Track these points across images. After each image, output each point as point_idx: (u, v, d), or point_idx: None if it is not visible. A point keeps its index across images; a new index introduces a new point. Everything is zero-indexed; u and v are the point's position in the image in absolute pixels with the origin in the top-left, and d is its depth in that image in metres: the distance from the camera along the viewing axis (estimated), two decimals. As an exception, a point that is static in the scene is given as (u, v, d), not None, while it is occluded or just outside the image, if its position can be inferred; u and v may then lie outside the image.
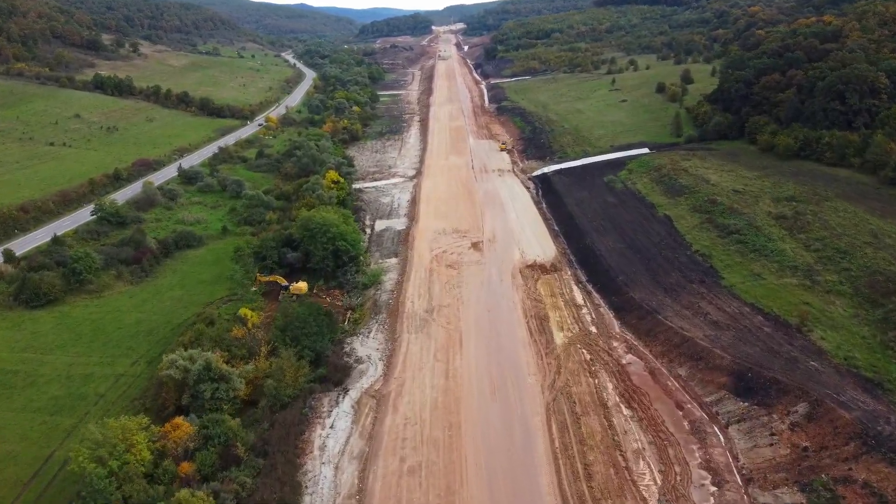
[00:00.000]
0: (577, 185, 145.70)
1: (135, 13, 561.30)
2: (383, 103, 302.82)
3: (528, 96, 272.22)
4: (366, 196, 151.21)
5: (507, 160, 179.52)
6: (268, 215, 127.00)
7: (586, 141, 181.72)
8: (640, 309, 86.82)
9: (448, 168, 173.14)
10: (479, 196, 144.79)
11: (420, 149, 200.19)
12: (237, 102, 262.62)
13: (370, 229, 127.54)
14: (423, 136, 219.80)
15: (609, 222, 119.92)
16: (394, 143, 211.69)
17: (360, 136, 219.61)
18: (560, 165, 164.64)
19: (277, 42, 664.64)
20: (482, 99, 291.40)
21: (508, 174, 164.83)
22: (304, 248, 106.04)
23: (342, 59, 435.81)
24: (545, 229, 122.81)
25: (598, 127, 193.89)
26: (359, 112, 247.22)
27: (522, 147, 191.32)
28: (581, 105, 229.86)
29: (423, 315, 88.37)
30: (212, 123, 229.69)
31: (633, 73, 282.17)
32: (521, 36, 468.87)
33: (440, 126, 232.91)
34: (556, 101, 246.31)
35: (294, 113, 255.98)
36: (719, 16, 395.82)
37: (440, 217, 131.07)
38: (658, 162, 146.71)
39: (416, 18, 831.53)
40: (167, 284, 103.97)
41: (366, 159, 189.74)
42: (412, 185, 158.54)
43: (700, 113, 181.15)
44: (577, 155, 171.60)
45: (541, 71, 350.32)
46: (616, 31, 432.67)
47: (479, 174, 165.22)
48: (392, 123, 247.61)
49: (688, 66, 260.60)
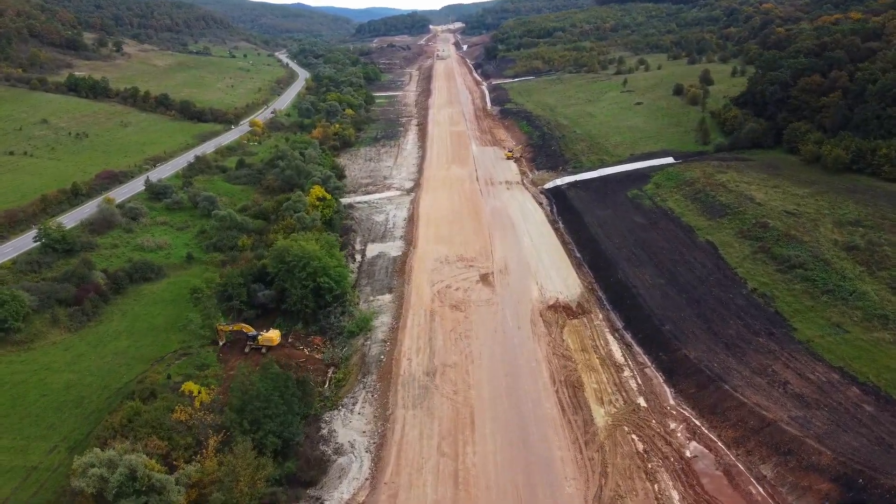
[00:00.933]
0: (598, 200, 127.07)
1: (124, 11, 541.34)
2: (379, 105, 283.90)
3: (533, 98, 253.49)
4: (357, 213, 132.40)
5: (514, 170, 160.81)
6: (241, 240, 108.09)
7: (602, 149, 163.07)
8: (699, 373, 68.16)
9: (449, 180, 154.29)
10: (485, 214, 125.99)
11: (418, 157, 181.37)
12: (222, 105, 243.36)
13: (360, 255, 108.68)
14: (421, 142, 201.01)
15: (641, 249, 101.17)
16: (389, 150, 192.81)
17: (352, 141, 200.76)
18: (575, 177, 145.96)
19: (272, 41, 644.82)
20: (484, 101, 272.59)
21: (517, 187, 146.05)
22: (280, 285, 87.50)
23: (337, 58, 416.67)
24: (565, 257, 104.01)
25: (613, 133, 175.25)
26: (352, 116, 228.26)
27: (531, 155, 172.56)
28: (592, 108, 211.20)
29: (423, 379, 69.64)
30: (192, 128, 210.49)
31: (645, 73, 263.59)
32: (522, 35, 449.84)
33: (440, 131, 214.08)
34: (565, 104, 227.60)
35: (282, 116, 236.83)
36: (729, 13, 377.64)
37: (442, 240, 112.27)
38: (689, 175, 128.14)
39: (413, 18, 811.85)
40: (112, 331, 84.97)
41: (358, 169, 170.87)
42: (409, 200, 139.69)
43: (728, 118, 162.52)
44: (593, 165, 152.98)
45: (545, 71, 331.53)
46: (621, 30, 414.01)
47: (484, 187, 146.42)
48: (388, 128, 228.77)
49: (705, 66, 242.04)
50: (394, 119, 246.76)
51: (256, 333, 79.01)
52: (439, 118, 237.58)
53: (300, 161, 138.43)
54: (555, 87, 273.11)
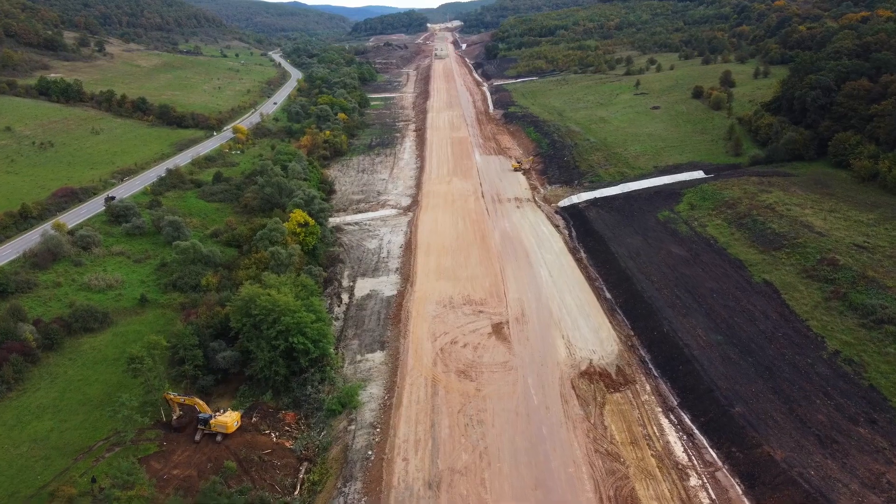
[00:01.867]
0: (624, 223, 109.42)
1: (113, 10, 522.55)
2: (374, 108, 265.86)
3: (538, 101, 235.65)
4: (346, 237, 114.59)
5: (524, 184, 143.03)
6: (206, 277, 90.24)
7: (621, 160, 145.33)
8: (793, 485, 50.46)
9: (451, 196, 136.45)
10: (494, 240, 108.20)
11: (416, 167, 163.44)
12: (205, 109, 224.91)
13: (348, 295, 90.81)
14: (419, 150, 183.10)
15: (686, 290, 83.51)
16: (385, 159, 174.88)
17: (344, 150, 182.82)
18: (593, 193, 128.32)
19: (265, 40, 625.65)
20: (486, 103, 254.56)
21: (528, 205, 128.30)
22: (245, 344, 69.83)
23: (331, 58, 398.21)
24: (593, 298, 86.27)
25: (632, 141, 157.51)
26: (345, 120, 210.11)
27: (541, 166, 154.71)
28: (604, 112, 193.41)
29: (424, 494, 51.89)
30: (170, 135, 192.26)
31: (657, 73, 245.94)
32: (523, 33, 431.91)
33: (440, 137, 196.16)
34: (574, 108, 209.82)
35: (270, 121, 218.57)
36: (740, 11, 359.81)
37: (445, 275, 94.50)
38: (728, 194, 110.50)
39: (410, 16, 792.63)
40: (35, 406, 67.13)
41: (350, 182, 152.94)
42: (406, 221, 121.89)
43: (761, 126, 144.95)
44: (612, 178, 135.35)
45: (548, 71, 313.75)
46: (626, 28, 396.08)
47: (491, 205, 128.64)
48: (383, 133, 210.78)
49: (721, 67, 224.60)
50: (390, 124, 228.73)
51: (209, 416, 61.25)
52: (438, 123, 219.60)
53: (281, 177, 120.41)
54: (560, 88, 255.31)
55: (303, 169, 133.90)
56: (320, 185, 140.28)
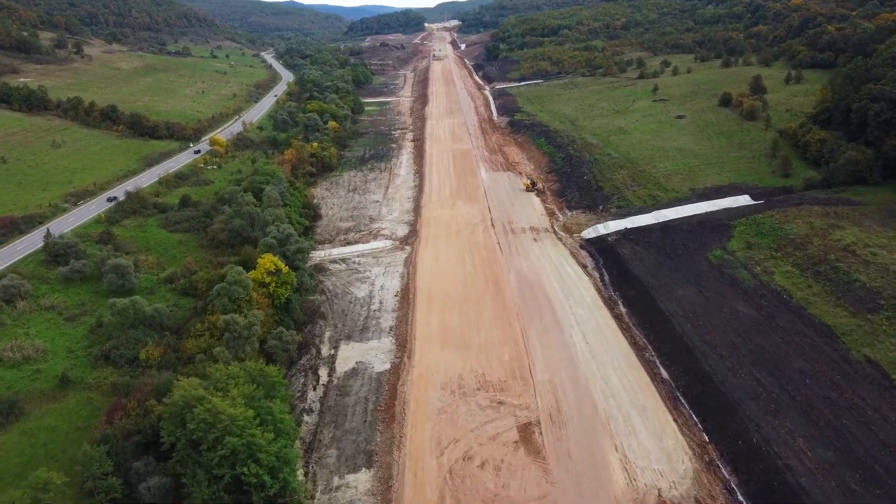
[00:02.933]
0: (668, 265, 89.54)
1: (100, 10, 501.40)
2: (369, 114, 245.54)
3: (546, 107, 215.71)
4: (331, 281, 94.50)
5: (539, 209, 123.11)
6: (146, 348, 70.14)
7: (651, 180, 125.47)
8: None
9: (456, 224, 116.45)
10: (511, 287, 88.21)
11: (414, 186, 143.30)
12: (183, 117, 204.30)
13: (328, 369, 70.72)
14: (417, 164, 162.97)
15: (767, 372, 63.61)
16: (379, 175, 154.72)
17: (334, 164, 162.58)
18: (623, 222, 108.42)
19: (258, 40, 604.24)
20: (489, 109, 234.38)
21: (547, 236, 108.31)
22: (178, 469, 49.90)
23: (324, 59, 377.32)
24: (646, 378, 66.24)
25: (660, 157, 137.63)
26: (335, 130, 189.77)
27: (558, 186, 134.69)
28: (623, 122, 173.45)
29: None
30: (140, 148, 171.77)
31: (674, 77, 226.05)
32: (524, 33, 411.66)
33: (440, 149, 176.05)
34: (587, 115, 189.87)
35: (253, 131, 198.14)
36: (753, 10, 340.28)
37: (451, 341, 74.54)
38: (791, 229, 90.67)
39: (407, 15, 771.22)
40: None
41: (338, 205, 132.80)
42: (403, 258, 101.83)
43: (810, 142, 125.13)
44: (643, 203, 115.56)
45: (554, 74, 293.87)
46: (633, 28, 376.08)
47: (503, 236, 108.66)
48: (378, 143, 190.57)
49: (748, 71, 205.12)
50: (385, 132, 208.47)
51: None
52: (438, 132, 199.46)
53: (254, 206, 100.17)
54: (569, 93, 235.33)
55: (281, 193, 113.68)
56: (303, 211, 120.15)
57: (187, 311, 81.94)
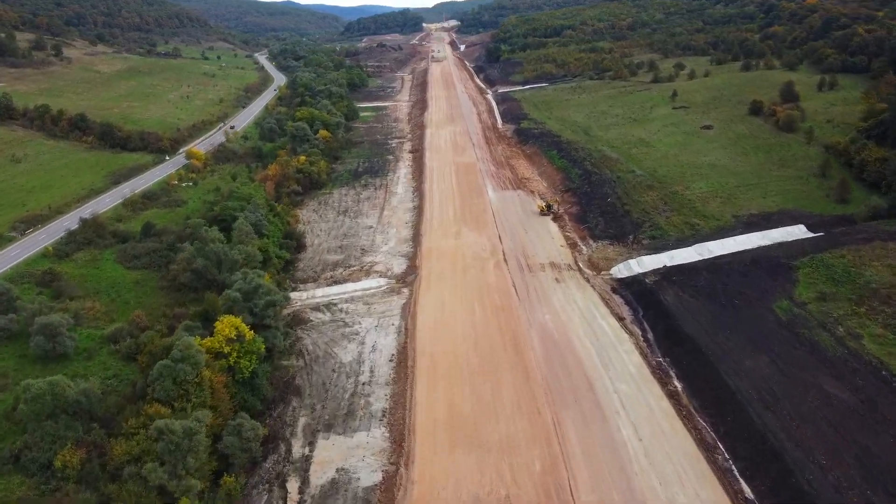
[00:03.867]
0: (725, 320, 72.33)
1: (88, 10, 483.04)
2: (364, 120, 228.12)
3: (554, 113, 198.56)
4: (310, 336, 77.14)
5: (557, 237, 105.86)
6: (61, 454, 52.73)
7: (685, 203, 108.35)
8: None
9: (462, 257, 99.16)
10: (534, 351, 70.87)
11: (413, 208, 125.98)
12: (162, 125, 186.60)
13: (299, 480, 53.20)
14: (416, 180, 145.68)
15: (887, 493, 46.69)
16: (373, 193, 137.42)
17: (323, 180, 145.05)
18: (660, 257, 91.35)
19: (252, 41, 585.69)
20: (492, 116, 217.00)
21: (571, 275, 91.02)
22: None
23: (319, 60, 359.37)
24: (725, 501, 49.05)
25: (692, 175, 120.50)
26: (326, 140, 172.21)
27: (577, 209, 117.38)
28: (642, 132, 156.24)
29: None
30: (110, 162, 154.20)
31: (691, 81, 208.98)
32: (526, 34, 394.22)
33: (441, 162, 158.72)
34: (602, 124, 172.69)
35: (237, 141, 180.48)
36: (766, 10, 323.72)
37: (463, 437, 57.11)
38: (872, 276, 73.66)
39: (405, 15, 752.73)
40: None
41: (326, 231, 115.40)
42: (400, 306, 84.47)
43: (867, 161, 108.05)
44: (680, 233, 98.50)
45: (559, 76, 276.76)
46: (640, 28, 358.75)
47: (518, 275, 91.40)
48: (373, 155, 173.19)
49: (772, 76, 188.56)
50: (381, 141, 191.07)
51: None
52: (439, 141, 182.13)
53: (221, 244, 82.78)
54: (578, 98, 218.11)
55: (257, 224, 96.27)
56: (284, 242, 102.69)
57: (129, 384, 64.66)
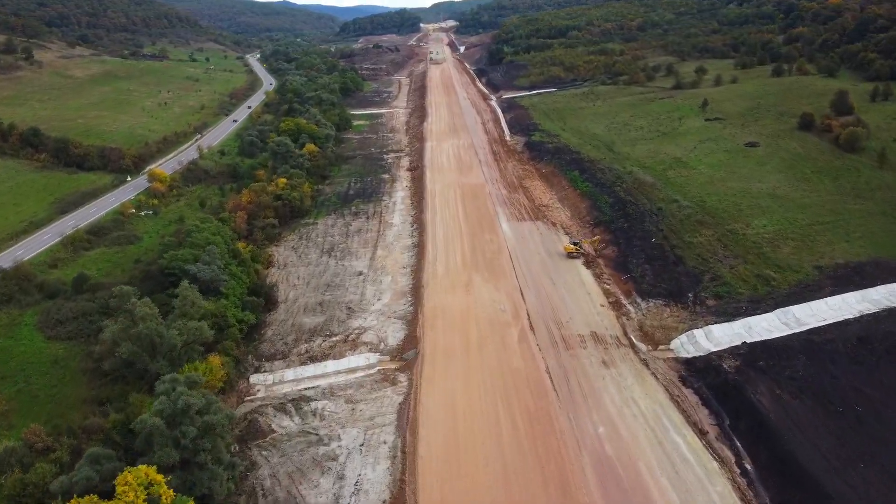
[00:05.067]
0: (850, 441, 50.46)
1: (72, 10, 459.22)
2: (357, 130, 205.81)
3: (569, 124, 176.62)
4: (269, 462, 54.50)
5: (593, 290, 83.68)
6: None
7: (750, 247, 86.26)
8: None
9: (476, 324, 76.84)
10: (590, 496, 48.87)
11: (412, 246, 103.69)
12: (129, 139, 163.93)
13: None
14: (416, 207, 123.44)
15: None
16: (365, 224, 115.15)
17: (307, 207, 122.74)
18: (734, 327, 69.38)
19: (244, 42, 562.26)
20: (499, 126, 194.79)
21: (621, 354, 68.67)
22: None
23: (311, 62, 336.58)
24: None
25: (749, 207, 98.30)
26: (313, 155, 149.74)
27: (615, 251, 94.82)
28: (676, 149, 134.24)
29: None
30: (62, 184, 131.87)
31: (718, 88, 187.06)
32: (529, 35, 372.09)
33: (444, 184, 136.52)
34: (625, 138, 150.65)
35: (212, 157, 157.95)
36: (786, 10, 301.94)
37: None
38: None
39: (402, 15, 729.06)
40: None
41: (305, 278, 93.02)
42: (396, 407, 61.98)
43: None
44: (751, 290, 76.48)
45: (568, 81, 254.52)
46: (651, 29, 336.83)
47: (552, 353, 69.18)
48: (366, 173, 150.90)
49: (811, 82, 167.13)
50: (376, 156, 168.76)
51: None
52: (441, 157, 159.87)
53: (153, 323, 60.47)
54: (593, 105, 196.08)
55: (214, 277, 74.06)
56: (248, 301, 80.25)
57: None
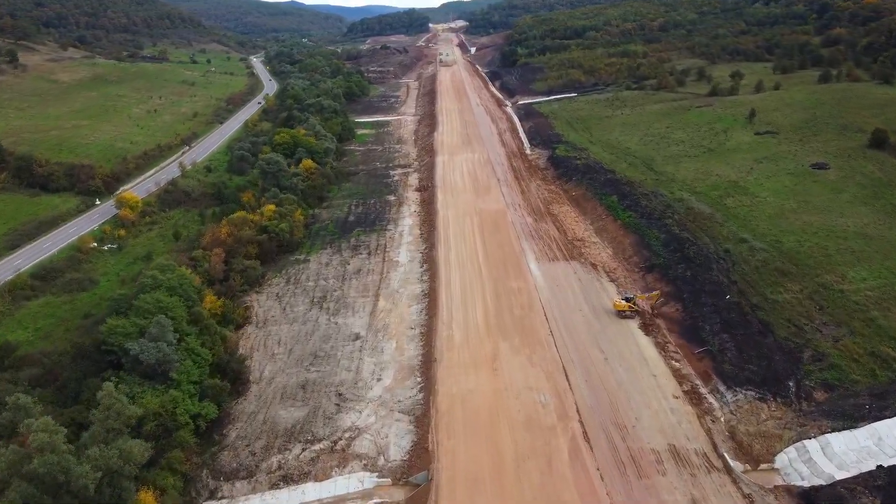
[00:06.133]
0: None
1: (71, 10, 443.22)
2: (361, 140, 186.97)
3: (596, 135, 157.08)
4: None
5: (657, 367, 64.12)
6: None
7: (853, 309, 66.49)
8: None
9: (510, 431, 57.28)
10: None
11: (421, 296, 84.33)
12: (107, 153, 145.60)
13: None
14: (426, 240, 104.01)
15: None
16: (365, 264, 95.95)
17: (298, 239, 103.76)
18: (858, 439, 50.11)
19: (249, 43, 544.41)
20: (517, 137, 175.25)
21: (714, 483, 49.19)
22: None
23: (315, 65, 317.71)
24: None
25: (839, 251, 78.45)
26: (310, 173, 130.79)
27: (677, 310, 75.21)
28: (728, 168, 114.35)
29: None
30: (20, 208, 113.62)
31: (760, 96, 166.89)
32: (544, 35, 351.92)
33: (459, 210, 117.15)
34: (665, 154, 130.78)
35: (197, 175, 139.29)
36: (820, 11, 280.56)
37: None
38: None
39: (411, 15, 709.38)
40: None
41: (286, 345, 73.66)
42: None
43: None
44: (869, 377, 56.96)
45: (589, 85, 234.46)
46: (674, 29, 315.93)
47: (619, 483, 49.78)
48: (369, 193, 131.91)
49: (864, 90, 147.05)
50: (381, 172, 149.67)
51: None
52: (454, 176, 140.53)
53: (54, 456, 41.69)
54: (620, 114, 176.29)
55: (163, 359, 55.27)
56: (210, 384, 61.30)
57: None
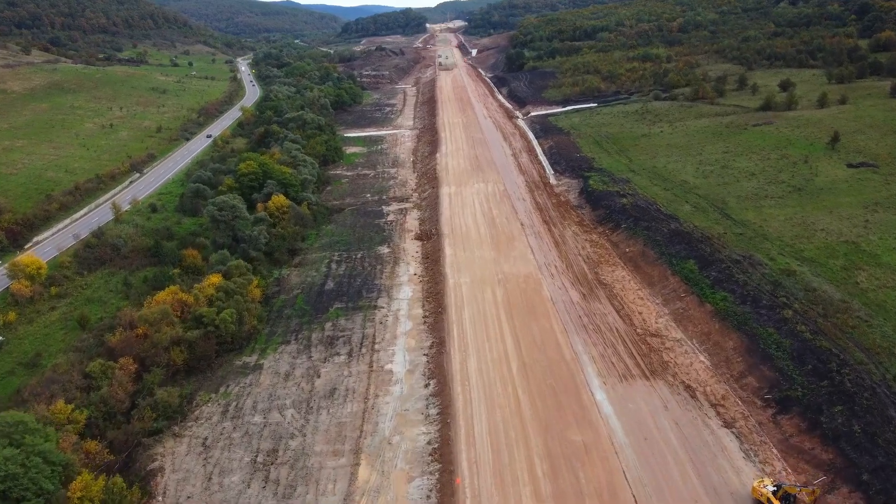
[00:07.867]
0: None
1: (45, 10, 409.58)
2: (350, 162, 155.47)
3: (636, 161, 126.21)
4: None
5: None
6: None
7: None
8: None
9: None
10: None
11: (427, 449, 52.92)
12: (31, 185, 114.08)
13: None
14: (433, 334, 72.46)
15: None
16: (341, 377, 64.35)
17: (248, 328, 71.94)
18: None
19: (237, 44, 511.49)
20: (536, 160, 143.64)
21: None
22: None
23: (303, 69, 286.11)
24: None
25: None
26: (281, 213, 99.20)
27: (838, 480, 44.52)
28: (836, 221, 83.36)
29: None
30: None
31: (825, 111, 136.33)
32: (551, 36, 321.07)
33: (475, 275, 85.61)
34: (738, 193, 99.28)
35: (137, 217, 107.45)
36: (859, 11, 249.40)
37: None
38: None
39: (407, 15, 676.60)
40: None
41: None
42: None
43: None
44: None
45: (610, 94, 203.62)
46: (695, 30, 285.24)
47: None
48: (355, 241, 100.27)
49: None
50: (372, 208, 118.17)
51: None
52: (465, 219, 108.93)
53: None
54: (658, 131, 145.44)
55: None
56: None
57: None
